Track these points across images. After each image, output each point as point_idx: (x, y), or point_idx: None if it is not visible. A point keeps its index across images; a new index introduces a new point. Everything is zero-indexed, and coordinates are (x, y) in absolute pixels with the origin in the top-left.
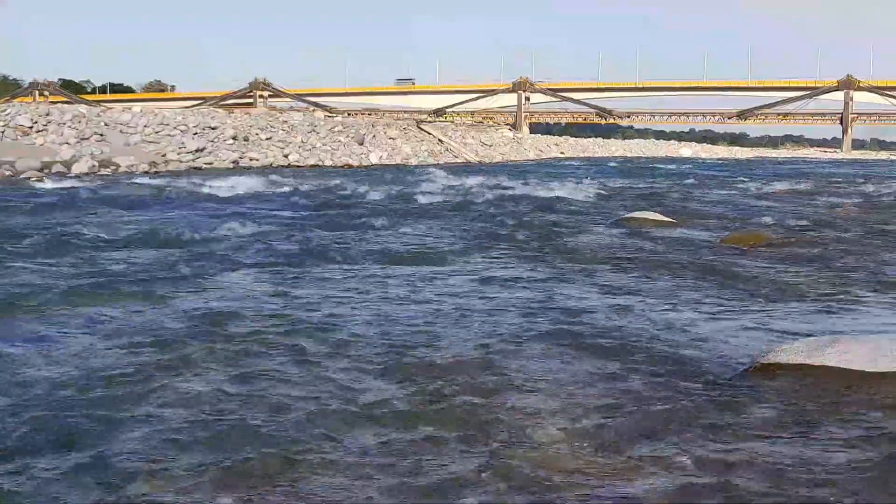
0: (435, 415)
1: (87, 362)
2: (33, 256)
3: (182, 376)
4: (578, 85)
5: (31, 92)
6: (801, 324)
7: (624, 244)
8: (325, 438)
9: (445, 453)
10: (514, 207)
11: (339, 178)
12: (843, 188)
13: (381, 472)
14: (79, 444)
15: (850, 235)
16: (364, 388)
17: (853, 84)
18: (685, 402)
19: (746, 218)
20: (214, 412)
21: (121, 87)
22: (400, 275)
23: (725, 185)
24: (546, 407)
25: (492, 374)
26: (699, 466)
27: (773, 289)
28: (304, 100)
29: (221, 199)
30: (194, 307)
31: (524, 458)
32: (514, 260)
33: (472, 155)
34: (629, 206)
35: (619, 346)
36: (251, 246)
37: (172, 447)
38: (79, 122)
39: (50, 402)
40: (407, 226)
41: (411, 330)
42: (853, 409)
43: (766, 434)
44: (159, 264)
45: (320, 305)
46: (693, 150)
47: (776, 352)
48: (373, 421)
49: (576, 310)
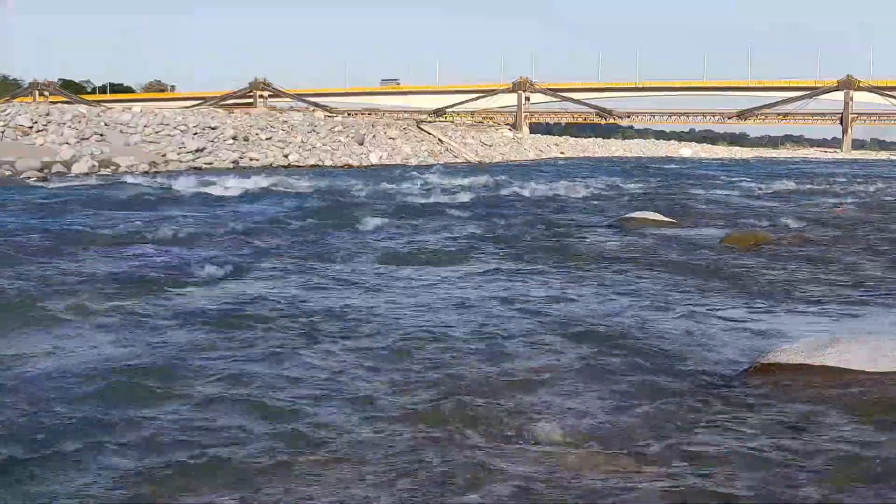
0: (434, 412)
1: (88, 361)
2: (33, 256)
3: (181, 374)
4: (578, 85)
5: (31, 92)
6: (801, 324)
7: (623, 244)
8: (323, 434)
9: (445, 452)
10: (514, 207)
11: (339, 177)
12: (844, 188)
13: (380, 471)
14: (104, 424)
15: (850, 235)
16: (364, 386)
17: (853, 84)
18: (685, 402)
19: (746, 218)
20: (212, 410)
21: (121, 87)
22: (399, 274)
23: (725, 185)
24: (545, 406)
25: (491, 373)
26: (699, 466)
27: (773, 289)
28: (304, 100)
29: (221, 199)
30: (194, 307)
31: (524, 456)
32: (513, 259)
33: (472, 155)
34: (629, 206)
35: (618, 346)
36: (251, 246)
37: (169, 448)
38: (79, 122)
39: (73, 395)
40: (407, 226)
41: (410, 328)
42: (853, 409)
43: (766, 434)
44: (159, 264)
45: (320, 304)
46: (693, 150)
47: (776, 352)
48: (372, 418)
49: (575, 309)
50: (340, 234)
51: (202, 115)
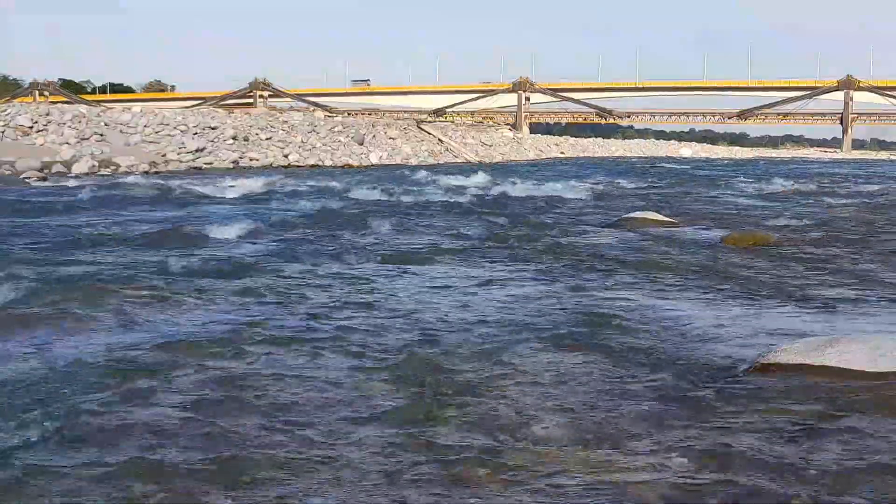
0: (433, 411)
1: (85, 362)
2: (32, 256)
3: (181, 373)
4: (578, 85)
5: (31, 92)
6: (801, 324)
7: (623, 244)
8: (322, 434)
9: (442, 448)
10: (514, 207)
11: (338, 177)
12: (844, 188)
13: (380, 470)
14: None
15: (850, 235)
16: (363, 384)
17: (853, 84)
18: (685, 402)
19: (746, 218)
20: (211, 405)
21: (121, 87)
22: (399, 274)
23: (725, 185)
24: (545, 405)
25: (491, 372)
26: (699, 466)
27: (774, 289)
28: (304, 100)
29: (221, 199)
30: (194, 305)
31: (523, 455)
32: (514, 259)
33: (472, 155)
34: (629, 206)
35: (618, 345)
36: (250, 245)
37: (171, 446)
38: (79, 122)
39: (85, 384)
40: (406, 225)
41: (410, 326)
42: (853, 409)
43: (765, 434)
44: (159, 264)
45: (320, 304)
46: (693, 150)
47: (776, 352)
48: (370, 417)
49: (575, 309)
50: (339, 233)
51: (202, 115)
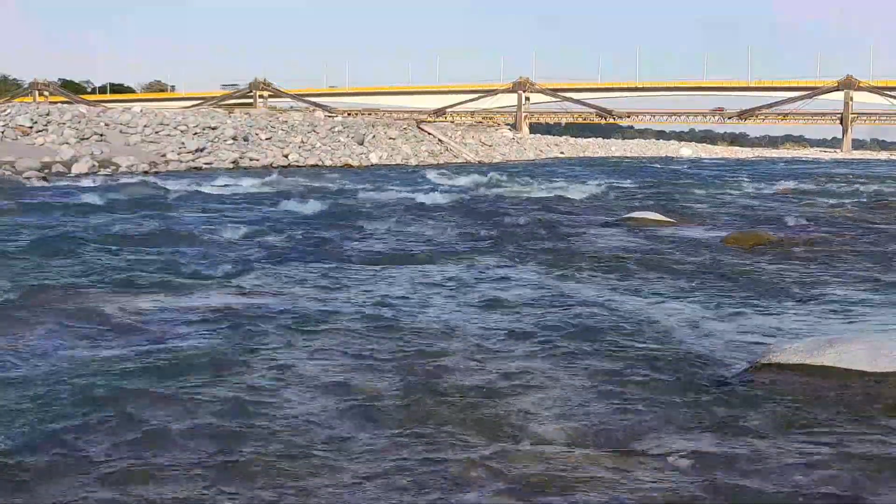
0: (433, 410)
1: (85, 363)
2: (32, 256)
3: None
4: (578, 85)
5: (31, 92)
6: (801, 324)
7: (624, 244)
8: (321, 433)
9: (445, 450)
10: (514, 207)
11: (338, 178)
12: (844, 188)
13: (379, 470)
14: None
15: (850, 235)
16: (363, 383)
17: (853, 84)
18: (685, 401)
19: (747, 218)
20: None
21: (121, 87)
22: (399, 274)
23: (725, 185)
24: (545, 405)
25: (491, 372)
26: (699, 465)
27: (774, 289)
28: (304, 100)
29: (221, 199)
30: (195, 306)
31: (524, 455)
32: (514, 259)
33: (472, 155)
34: (629, 206)
35: (618, 345)
36: (250, 245)
37: (168, 443)
38: (79, 122)
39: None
40: (406, 225)
41: (409, 326)
42: (853, 409)
43: (765, 433)
44: (159, 264)
45: (320, 304)
46: (693, 150)
47: (776, 352)
48: (371, 417)
49: (575, 309)
50: (339, 233)
51: (202, 115)
